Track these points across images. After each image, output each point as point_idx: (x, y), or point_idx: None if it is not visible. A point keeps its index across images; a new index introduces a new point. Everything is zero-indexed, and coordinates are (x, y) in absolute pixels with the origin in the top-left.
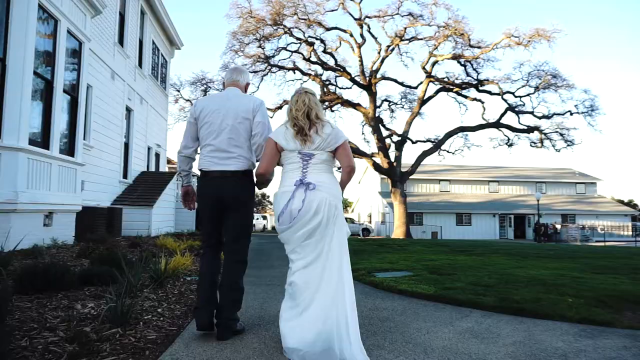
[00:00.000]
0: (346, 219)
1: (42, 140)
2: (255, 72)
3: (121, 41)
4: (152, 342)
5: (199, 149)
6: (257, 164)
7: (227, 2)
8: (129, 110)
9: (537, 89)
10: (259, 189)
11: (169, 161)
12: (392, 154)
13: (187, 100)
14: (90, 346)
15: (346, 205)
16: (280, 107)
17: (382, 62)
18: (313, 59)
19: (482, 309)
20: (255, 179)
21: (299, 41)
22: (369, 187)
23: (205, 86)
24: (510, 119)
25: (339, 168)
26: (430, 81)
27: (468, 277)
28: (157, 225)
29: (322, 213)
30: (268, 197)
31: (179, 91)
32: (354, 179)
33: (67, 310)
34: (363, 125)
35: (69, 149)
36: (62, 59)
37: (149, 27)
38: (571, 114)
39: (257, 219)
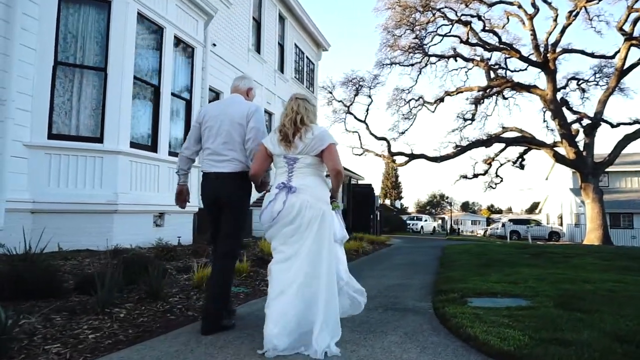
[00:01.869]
0: (530, 221)
1: (150, 143)
2: (412, 64)
3: (258, 47)
4: None
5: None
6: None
7: None
8: (269, 114)
9: None
10: (258, 191)
11: None
12: (582, 142)
13: (340, 102)
14: None
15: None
16: (442, 100)
17: (562, 32)
18: (473, 40)
19: None
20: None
21: (450, 22)
22: (558, 183)
23: (357, 85)
24: None
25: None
26: (632, 44)
27: (616, 320)
28: None
29: (302, 215)
30: (447, 197)
31: (331, 93)
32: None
33: None
34: (544, 112)
35: None
36: (170, 65)
37: (290, 32)
38: None
39: (426, 220)
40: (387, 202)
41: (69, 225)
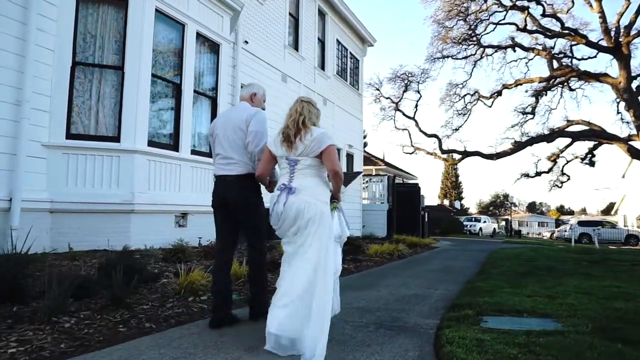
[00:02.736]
0: (604, 223)
1: (172, 142)
2: (465, 57)
3: (295, 44)
4: None
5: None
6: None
7: None
8: None
9: None
10: (269, 191)
11: (369, 161)
12: None
13: (387, 99)
14: None
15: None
16: (499, 93)
17: (638, 12)
18: (532, 27)
19: None
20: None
21: (504, 9)
22: (636, 181)
23: (405, 81)
24: None
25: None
26: None
27: None
28: None
29: (302, 215)
30: (510, 197)
31: (378, 89)
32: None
33: None
34: (617, 102)
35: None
36: (191, 62)
37: (331, 27)
38: None
39: (485, 221)
40: (446, 202)
41: (87, 225)
